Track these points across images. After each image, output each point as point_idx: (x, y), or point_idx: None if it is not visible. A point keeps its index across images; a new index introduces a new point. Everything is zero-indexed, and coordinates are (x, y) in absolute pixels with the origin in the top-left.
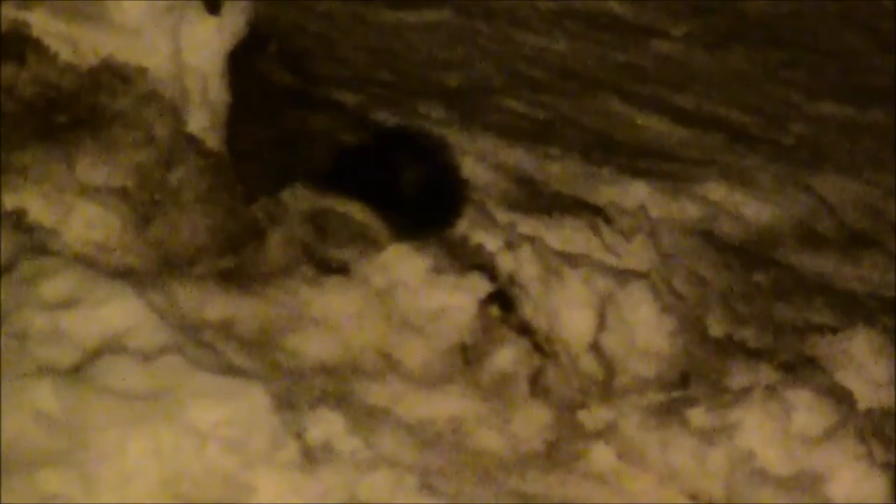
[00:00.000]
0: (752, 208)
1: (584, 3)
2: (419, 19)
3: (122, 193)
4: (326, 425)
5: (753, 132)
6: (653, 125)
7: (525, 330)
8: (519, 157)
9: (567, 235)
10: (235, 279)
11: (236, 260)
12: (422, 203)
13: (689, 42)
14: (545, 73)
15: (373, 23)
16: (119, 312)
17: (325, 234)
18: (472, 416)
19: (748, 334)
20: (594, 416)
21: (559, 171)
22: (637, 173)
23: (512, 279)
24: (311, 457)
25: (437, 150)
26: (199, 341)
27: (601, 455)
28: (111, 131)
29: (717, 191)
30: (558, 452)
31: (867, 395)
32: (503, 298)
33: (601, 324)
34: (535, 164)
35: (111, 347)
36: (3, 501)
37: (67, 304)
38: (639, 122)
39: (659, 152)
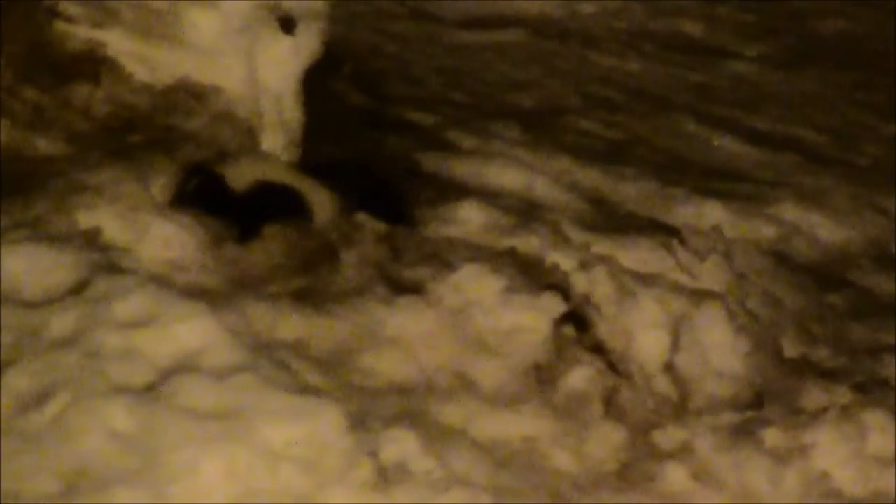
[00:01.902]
0: (826, 229)
1: (658, 23)
2: (494, 40)
3: (198, 213)
4: (400, 445)
5: (827, 153)
6: (727, 146)
7: (599, 350)
8: (593, 177)
9: (641, 255)
10: (309, 299)
11: (310, 279)
12: None
13: (763, 63)
14: (619, 93)
15: (447, 44)
16: (193, 331)
17: (399, 253)
18: (546, 436)
19: (823, 355)
20: (668, 436)
21: (633, 192)
22: (711, 194)
23: (586, 299)
24: (385, 477)
25: None
26: (272, 360)
27: (675, 475)
28: (186, 151)
29: (791, 211)
30: (632, 473)
31: None
32: (577, 318)
33: (675, 344)
34: (610, 184)
35: (185, 366)
36: None
37: (141, 323)
38: (713, 142)
39: (733, 173)
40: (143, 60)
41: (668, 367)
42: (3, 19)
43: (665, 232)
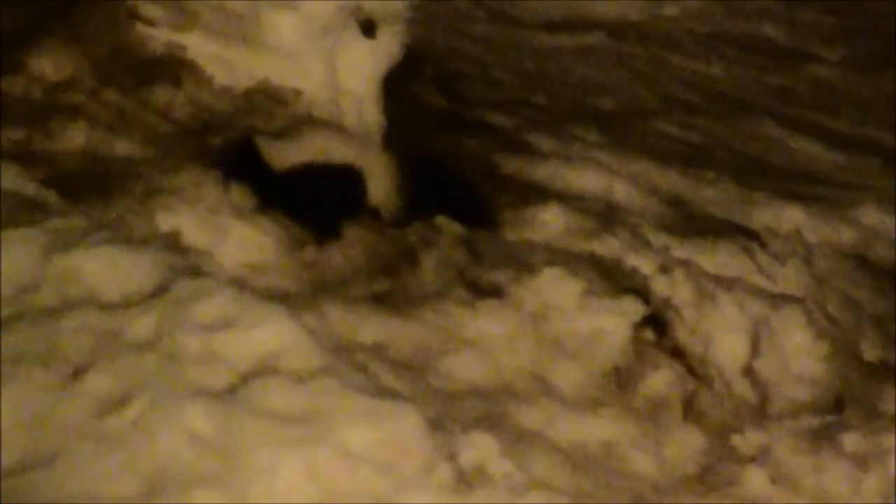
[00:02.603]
0: None
1: (738, 26)
2: (574, 43)
3: (277, 216)
4: (479, 448)
5: None
6: (807, 149)
7: (678, 353)
8: (673, 180)
9: (721, 259)
10: (389, 301)
11: (390, 282)
12: None
13: (843, 66)
14: (699, 96)
15: (528, 46)
16: (273, 334)
17: (478, 257)
18: (626, 439)
19: None
20: (747, 440)
21: (713, 195)
22: (791, 197)
23: (666, 302)
24: (465, 479)
25: None
26: (352, 363)
27: (755, 479)
28: None
29: (871, 215)
30: (712, 476)
31: None
32: (657, 322)
33: (755, 348)
34: (690, 187)
35: (264, 369)
36: None
37: (221, 325)
38: (793, 145)
39: (813, 176)
40: (223, 63)
41: (748, 371)
42: (85, 22)
43: (745, 235)
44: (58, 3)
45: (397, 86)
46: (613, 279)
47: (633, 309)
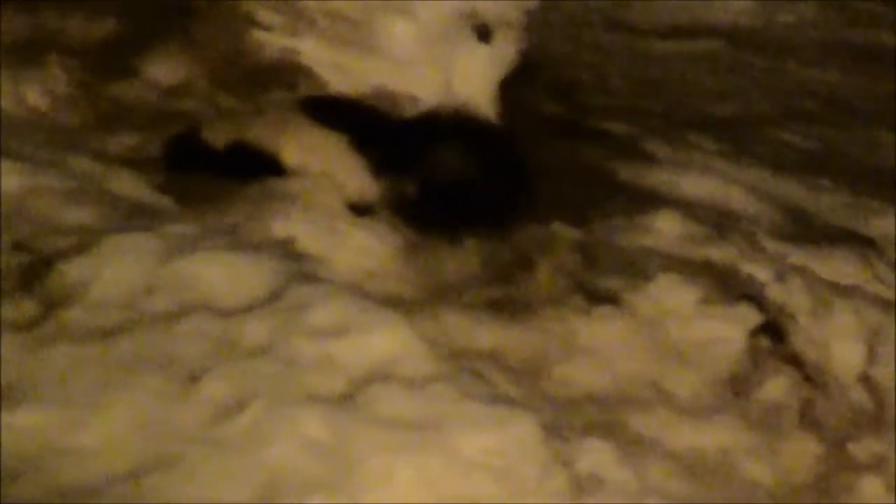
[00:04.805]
0: None
1: (855, 33)
2: (689, 49)
3: (393, 221)
4: (595, 455)
5: None
6: None
7: (795, 361)
8: (789, 188)
9: (837, 267)
10: (505, 308)
11: (506, 289)
12: None
13: None
14: (816, 103)
15: (644, 53)
16: (388, 340)
17: (594, 263)
18: (741, 446)
19: None
20: (864, 448)
21: (830, 203)
22: None
23: (782, 310)
24: (580, 487)
25: None
26: (468, 370)
27: (871, 487)
28: None
29: None
30: (828, 484)
31: None
32: (773, 329)
33: (871, 355)
34: (806, 195)
35: (380, 375)
36: None
37: (337, 331)
38: None
39: None
40: (338, 69)
41: (865, 379)
42: (201, 28)
43: (862, 243)
44: (173, 10)
45: (513, 93)
46: (729, 286)
47: (749, 316)
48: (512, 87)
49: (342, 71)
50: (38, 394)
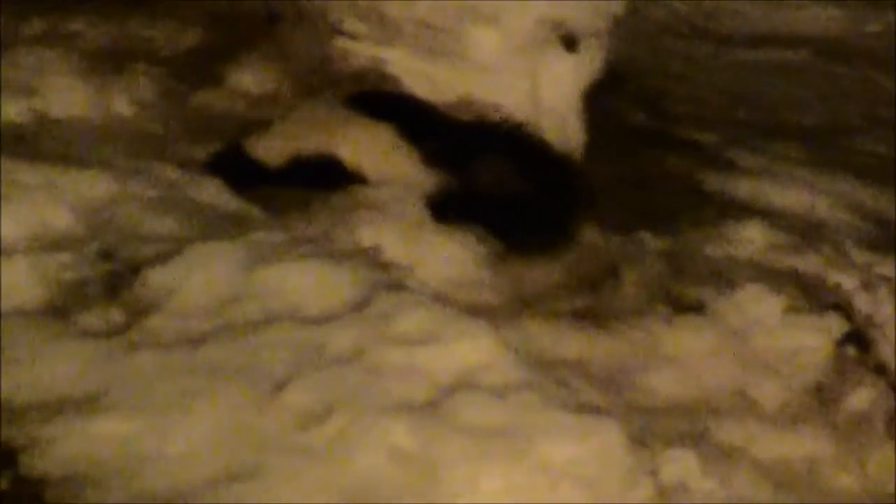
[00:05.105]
0: None
1: None
2: (776, 59)
3: (480, 231)
4: (681, 464)
5: None
6: None
7: (882, 371)
8: (876, 197)
9: None
10: (590, 317)
11: (592, 297)
12: None
13: None
14: None
15: (731, 62)
16: (474, 349)
17: (680, 272)
18: (828, 456)
19: None
20: None
21: None
22: None
23: (869, 319)
24: (666, 496)
25: None
26: (553, 378)
27: None
28: None
29: None
30: None
31: None
32: (860, 339)
33: None
34: (893, 204)
35: (465, 384)
36: None
37: (422, 340)
38: None
39: None
40: (424, 78)
41: None
42: (288, 37)
43: None
44: (260, 19)
45: (599, 102)
46: (816, 296)
47: (836, 325)
48: (598, 96)
49: (428, 80)
50: (123, 401)
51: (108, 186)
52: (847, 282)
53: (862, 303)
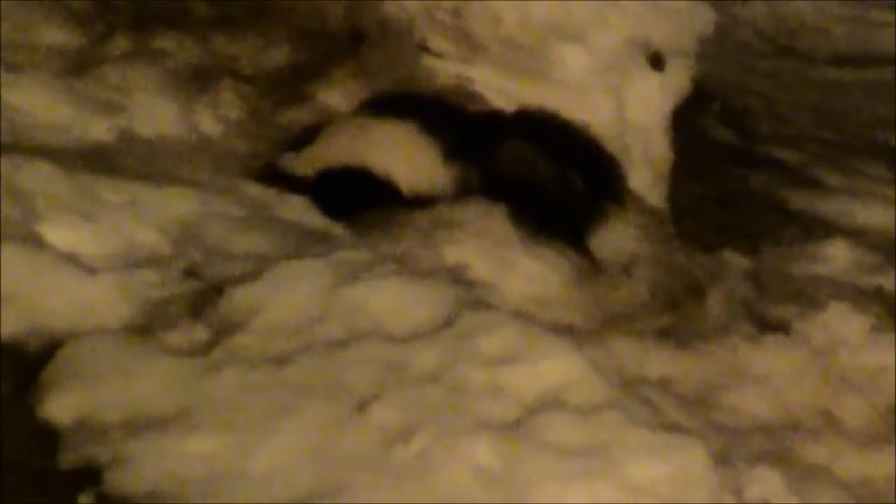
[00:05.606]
0: None
1: None
2: (861, 78)
3: (564, 249)
4: (765, 483)
5: None
6: None
7: None
8: None
9: None
10: (675, 336)
11: (676, 316)
12: None
13: None
14: None
15: (816, 81)
16: (558, 368)
17: (764, 291)
18: None
19: None
20: None
21: None
22: None
23: None
24: None
25: None
26: (638, 397)
27: None
28: None
29: None
30: None
31: None
32: None
33: None
34: None
35: (550, 402)
36: None
37: (507, 359)
38: None
39: None
40: (510, 96)
41: None
42: (374, 55)
43: None
44: (344, 38)
45: (685, 120)
46: None
47: None
48: (684, 115)
49: (513, 98)
50: (208, 420)
51: (193, 204)
52: None
53: None
